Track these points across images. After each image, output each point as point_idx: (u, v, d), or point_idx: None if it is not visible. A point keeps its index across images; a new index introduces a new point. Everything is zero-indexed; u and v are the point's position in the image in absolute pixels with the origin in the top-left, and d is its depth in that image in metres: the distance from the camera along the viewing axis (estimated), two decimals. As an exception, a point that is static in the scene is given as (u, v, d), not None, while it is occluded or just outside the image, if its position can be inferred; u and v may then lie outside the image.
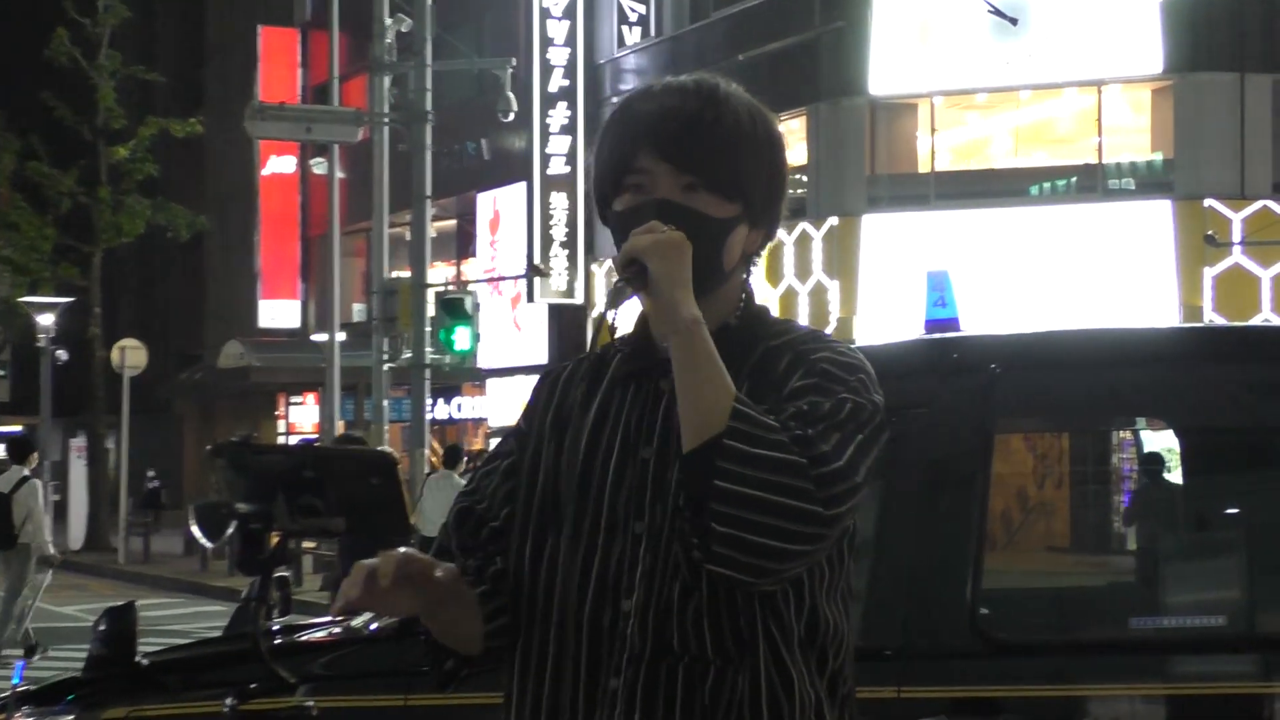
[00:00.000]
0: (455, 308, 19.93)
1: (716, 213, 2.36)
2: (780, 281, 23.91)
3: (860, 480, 2.20)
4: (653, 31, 28.07)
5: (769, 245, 2.48)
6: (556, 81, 28.29)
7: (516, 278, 28.06)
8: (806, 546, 2.17)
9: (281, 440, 33.60)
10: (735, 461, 2.15)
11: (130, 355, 28.54)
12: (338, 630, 4.33)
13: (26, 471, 15.37)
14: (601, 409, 2.39)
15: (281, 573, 3.31)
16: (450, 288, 24.04)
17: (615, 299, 2.27)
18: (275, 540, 2.80)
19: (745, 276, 2.44)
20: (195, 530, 2.70)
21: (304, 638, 4.41)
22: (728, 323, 2.38)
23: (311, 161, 33.67)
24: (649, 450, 2.32)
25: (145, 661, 4.22)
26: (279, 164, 37.23)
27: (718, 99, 2.37)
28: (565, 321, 28.88)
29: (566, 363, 2.52)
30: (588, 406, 2.41)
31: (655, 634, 2.26)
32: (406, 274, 22.17)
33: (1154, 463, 6.30)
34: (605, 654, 2.28)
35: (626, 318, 2.36)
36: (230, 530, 2.75)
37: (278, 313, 37.56)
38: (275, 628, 4.28)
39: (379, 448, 15.02)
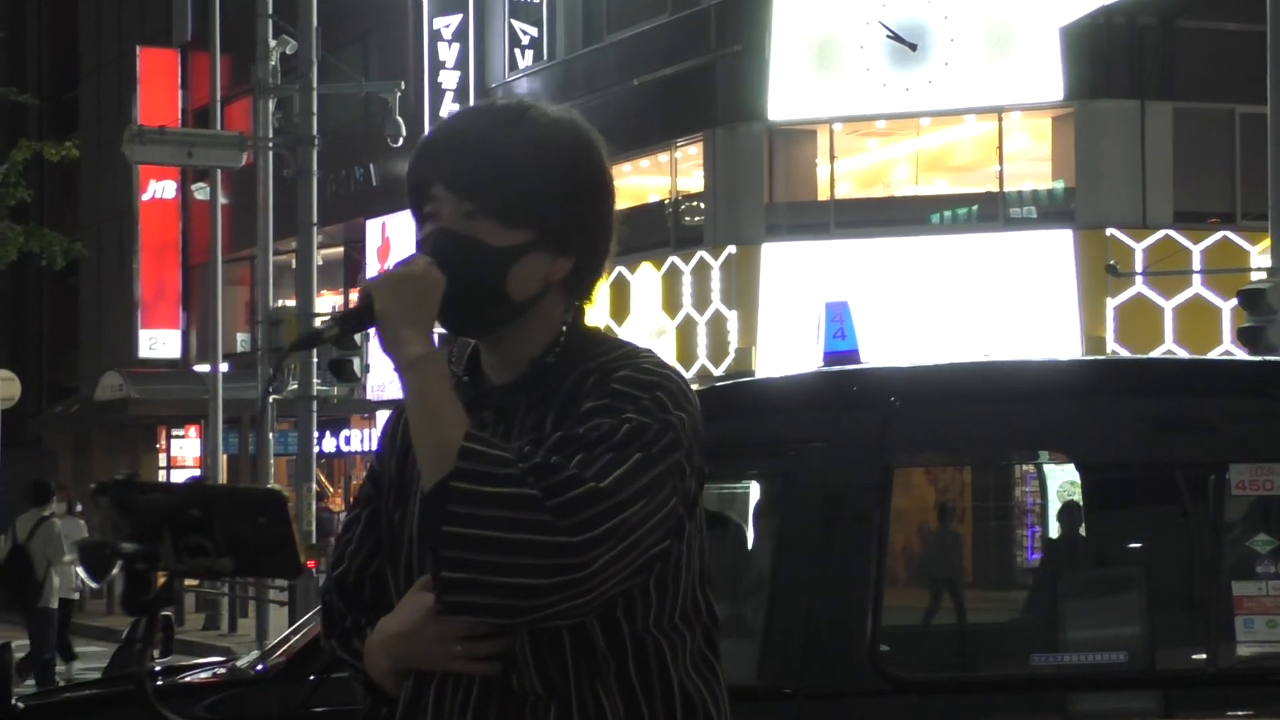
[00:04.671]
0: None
1: (497, 240, 2.28)
2: (678, 311, 23.50)
3: (626, 498, 2.13)
4: (545, 55, 27.54)
5: (597, 276, 2.36)
6: (447, 106, 27.71)
7: (406, 307, 27.36)
8: (562, 577, 2.11)
9: (163, 475, 32.69)
10: (464, 503, 2.11)
11: (1, 387, 27.60)
12: (222, 671, 4.37)
13: None
14: None
15: (164, 612, 3.13)
16: (338, 317, 23.26)
17: (342, 327, 2.25)
18: (161, 580, 2.67)
19: (565, 307, 2.34)
20: (80, 570, 2.60)
21: (187, 679, 4.41)
22: (545, 360, 2.30)
23: (193, 186, 32.85)
24: None
25: (21, 705, 4.17)
26: (159, 189, 36.39)
27: (512, 118, 2.29)
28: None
29: None
30: None
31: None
32: (292, 303, 21.55)
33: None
34: (449, 696, 2.27)
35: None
36: (115, 570, 2.67)
37: (158, 343, 36.73)
38: (157, 669, 4.23)
39: (268, 485, 14.51)
